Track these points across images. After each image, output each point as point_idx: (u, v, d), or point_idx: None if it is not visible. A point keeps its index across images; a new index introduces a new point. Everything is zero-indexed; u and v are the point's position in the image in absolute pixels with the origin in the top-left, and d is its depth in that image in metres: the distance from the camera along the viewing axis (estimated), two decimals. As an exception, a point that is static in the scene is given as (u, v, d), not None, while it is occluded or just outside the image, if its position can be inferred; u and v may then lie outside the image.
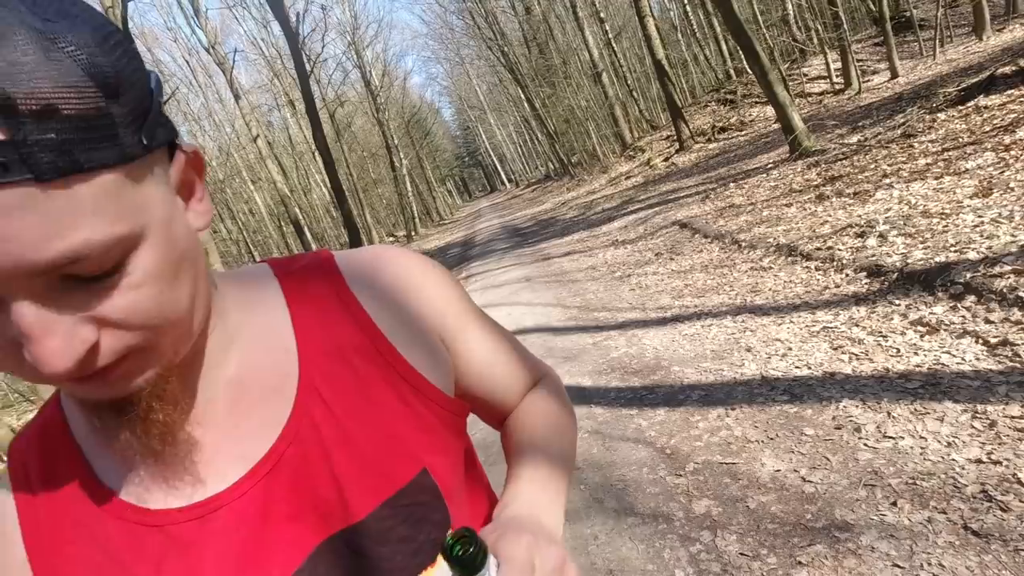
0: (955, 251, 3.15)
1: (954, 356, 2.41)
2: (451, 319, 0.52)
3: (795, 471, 2.13)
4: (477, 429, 2.43)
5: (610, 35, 19.74)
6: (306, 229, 18.42)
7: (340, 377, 0.45)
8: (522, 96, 26.00)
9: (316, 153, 20.43)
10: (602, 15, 19.28)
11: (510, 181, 52.87)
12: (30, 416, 12.43)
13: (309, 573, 0.42)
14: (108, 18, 0.31)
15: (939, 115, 5.91)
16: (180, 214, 0.36)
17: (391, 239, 31.86)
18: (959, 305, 2.74)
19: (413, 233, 29.32)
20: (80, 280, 0.30)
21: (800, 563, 1.73)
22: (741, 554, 1.85)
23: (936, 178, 4.40)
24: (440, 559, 0.43)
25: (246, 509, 0.41)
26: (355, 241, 14.49)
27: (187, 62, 27.25)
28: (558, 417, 0.60)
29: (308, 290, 0.47)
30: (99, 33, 0.30)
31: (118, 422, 0.37)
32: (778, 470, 2.16)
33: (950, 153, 4.79)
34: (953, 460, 1.90)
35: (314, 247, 18.92)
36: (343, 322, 0.47)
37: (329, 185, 15.78)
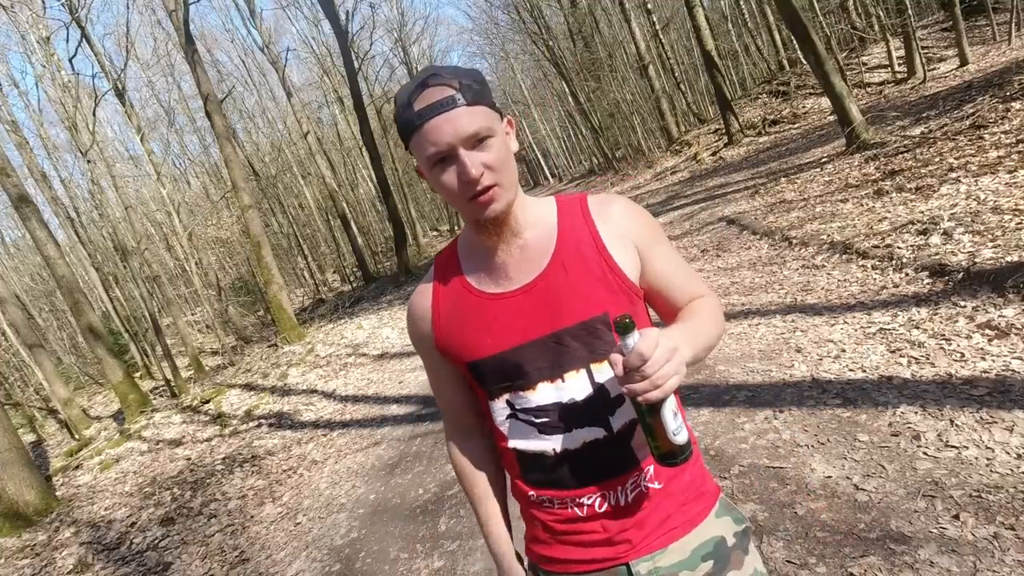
0: (1029, 250, 2.95)
1: (1026, 362, 2.27)
2: (649, 237, 0.89)
3: (847, 478, 2.04)
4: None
5: (657, 27, 19.32)
6: (352, 223, 18.80)
7: (574, 255, 0.86)
8: (567, 90, 25.75)
9: (363, 149, 20.85)
10: (649, 6, 18.88)
11: (553, 176, 52.58)
12: (99, 397, 14.57)
13: (534, 345, 0.84)
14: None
15: (1014, 104, 5.52)
16: (507, 140, 0.83)
17: (434, 233, 32.21)
18: (1033, 308, 2.57)
19: (456, 228, 29.55)
20: (479, 145, 0.78)
21: (852, 574, 1.66)
22: (788, 561, 1.79)
23: (1009, 172, 4.12)
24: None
25: (519, 303, 0.86)
26: (400, 236, 14.70)
27: (243, 62, 28.22)
28: (712, 313, 0.89)
29: (571, 209, 0.90)
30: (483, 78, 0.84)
31: (492, 232, 0.84)
32: (829, 476, 2.08)
33: (1026, 145, 4.48)
34: None
35: (360, 241, 19.45)
36: (582, 229, 0.88)
37: (375, 180, 16.08)
